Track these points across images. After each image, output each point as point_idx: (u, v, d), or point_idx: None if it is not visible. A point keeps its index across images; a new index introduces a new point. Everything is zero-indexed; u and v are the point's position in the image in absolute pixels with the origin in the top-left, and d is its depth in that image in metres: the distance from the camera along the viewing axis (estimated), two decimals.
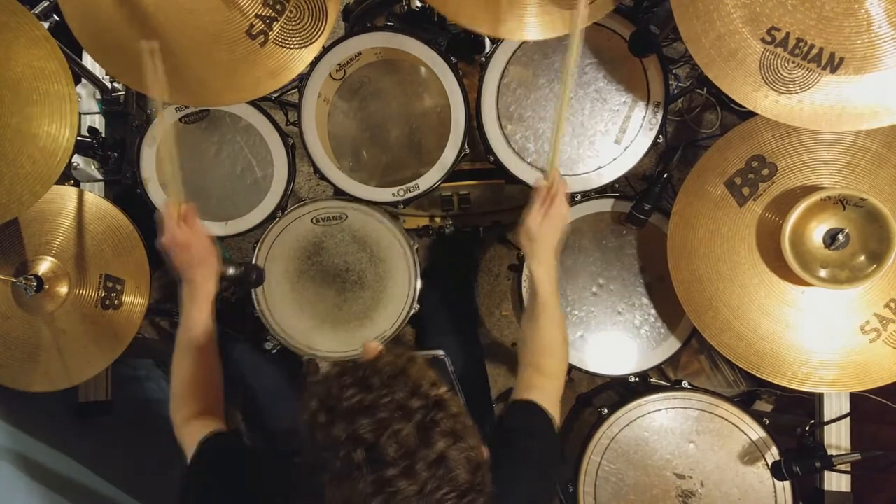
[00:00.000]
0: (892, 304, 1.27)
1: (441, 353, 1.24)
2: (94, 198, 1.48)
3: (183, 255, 1.18)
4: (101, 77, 1.59)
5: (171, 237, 1.18)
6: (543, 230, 1.23)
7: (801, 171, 1.29)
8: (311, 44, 1.22)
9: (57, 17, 1.35)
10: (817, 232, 1.24)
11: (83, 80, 1.58)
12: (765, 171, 1.31)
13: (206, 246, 1.21)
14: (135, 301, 1.44)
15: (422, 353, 1.15)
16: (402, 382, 0.82)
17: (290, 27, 1.21)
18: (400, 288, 1.60)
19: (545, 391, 1.12)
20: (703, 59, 1.12)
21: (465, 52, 1.72)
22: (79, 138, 1.45)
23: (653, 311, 1.56)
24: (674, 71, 2.20)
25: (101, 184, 1.62)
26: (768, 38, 1.09)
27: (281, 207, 1.61)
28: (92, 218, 1.47)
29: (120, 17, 1.20)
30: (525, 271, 1.53)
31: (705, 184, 1.34)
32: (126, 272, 1.45)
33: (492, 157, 1.53)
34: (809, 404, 1.47)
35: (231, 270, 1.42)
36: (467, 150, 1.52)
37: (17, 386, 1.43)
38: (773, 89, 1.10)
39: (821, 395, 1.43)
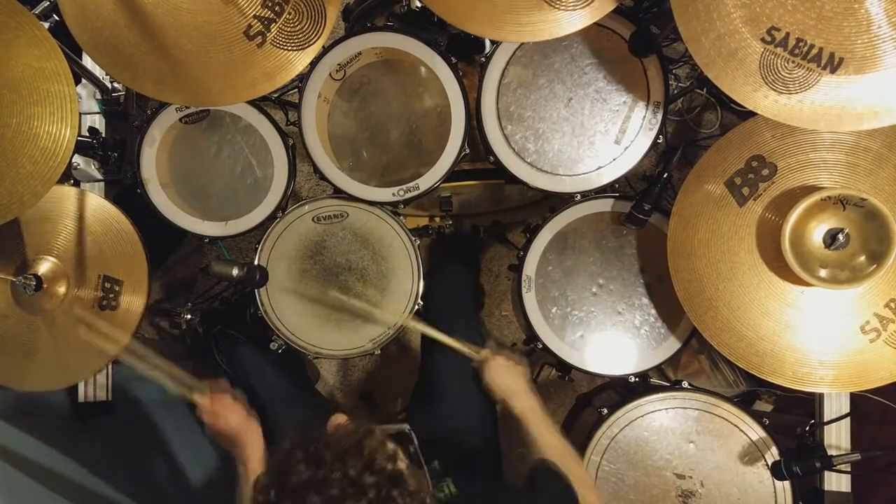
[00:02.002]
0: (892, 304, 1.27)
1: (406, 427, 1.19)
2: (95, 198, 1.48)
3: (221, 436, 1.30)
4: (101, 77, 1.59)
5: (209, 423, 1.31)
6: (498, 383, 1.37)
7: (801, 171, 1.29)
8: (308, 46, 1.22)
9: (57, 17, 1.35)
10: (817, 232, 1.24)
11: (83, 80, 1.58)
12: (765, 171, 1.31)
13: (239, 422, 1.31)
14: (132, 302, 1.44)
15: (386, 426, 1.12)
16: (355, 457, 0.79)
17: (288, 29, 1.21)
18: (403, 285, 1.60)
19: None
20: (703, 59, 1.12)
21: (465, 52, 1.72)
22: (79, 138, 1.45)
23: (653, 311, 1.56)
24: (674, 71, 2.20)
25: (101, 184, 1.62)
26: (768, 38, 1.09)
27: (281, 207, 1.61)
28: (93, 219, 1.46)
29: (119, 18, 1.20)
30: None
31: (705, 184, 1.34)
32: (124, 273, 1.44)
33: (492, 158, 1.53)
34: (809, 404, 1.46)
35: (234, 271, 1.43)
36: (467, 150, 1.52)
37: (16, 385, 1.43)
38: (773, 89, 1.10)
39: (821, 395, 1.43)
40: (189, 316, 1.93)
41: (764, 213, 1.30)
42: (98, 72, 1.58)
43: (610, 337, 1.57)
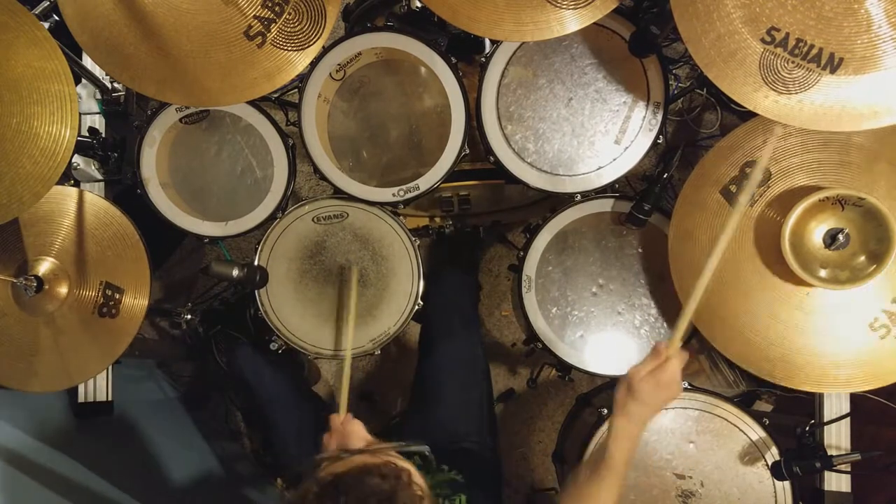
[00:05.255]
0: None
1: (426, 448, 1.12)
2: (101, 201, 1.47)
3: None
4: (101, 77, 1.59)
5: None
6: (645, 389, 1.08)
7: (796, 174, 1.29)
8: (308, 47, 1.22)
9: (57, 17, 1.35)
10: (817, 233, 1.24)
11: (83, 80, 1.58)
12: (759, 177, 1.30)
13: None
14: (133, 308, 1.43)
15: (407, 448, 1.05)
16: None
17: (288, 30, 1.21)
18: (403, 285, 1.60)
19: None
20: (703, 60, 1.12)
21: (465, 52, 1.72)
22: (79, 138, 1.45)
23: (653, 311, 1.56)
24: (674, 71, 2.20)
25: (101, 184, 1.62)
26: (768, 39, 1.09)
27: (281, 208, 1.61)
28: (98, 223, 1.46)
29: (119, 18, 1.20)
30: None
31: (701, 194, 1.34)
32: (126, 280, 1.43)
33: (492, 158, 1.53)
34: (809, 404, 1.46)
35: (234, 272, 1.43)
36: (467, 150, 1.52)
37: (16, 386, 1.43)
38: (773, 89, 1.10)
39: (821, 395, 1.42)
40: (189, 316, 1.92)
41: (762, 218, 1.30)
42: (98, 72, 1.58)
43: (610, 337, 1.57)
